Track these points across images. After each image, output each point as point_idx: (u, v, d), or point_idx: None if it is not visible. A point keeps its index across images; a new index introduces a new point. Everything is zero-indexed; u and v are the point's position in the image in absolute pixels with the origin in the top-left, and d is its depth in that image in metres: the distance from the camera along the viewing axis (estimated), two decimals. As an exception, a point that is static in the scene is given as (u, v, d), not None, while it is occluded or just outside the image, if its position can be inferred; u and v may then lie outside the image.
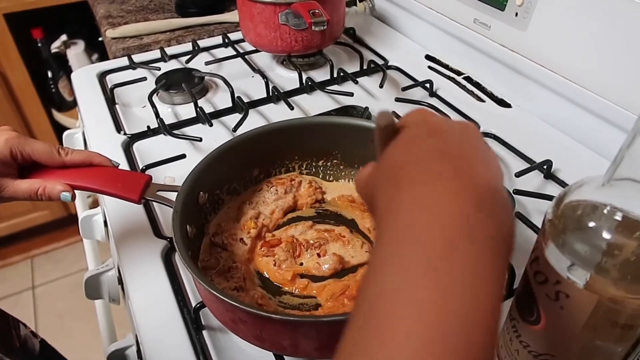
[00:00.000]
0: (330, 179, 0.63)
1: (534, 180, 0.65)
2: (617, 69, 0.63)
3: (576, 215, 0.32)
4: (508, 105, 0.80)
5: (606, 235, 0.30)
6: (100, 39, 1.13)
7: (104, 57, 1.62)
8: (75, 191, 0.49)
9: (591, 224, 0.31)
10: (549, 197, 0.60)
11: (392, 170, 0.28)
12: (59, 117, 1.71)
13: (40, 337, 0.54)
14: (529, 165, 0.65)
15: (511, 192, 0.60)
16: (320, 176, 0.63)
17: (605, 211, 0.31)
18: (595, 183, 0.32)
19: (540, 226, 0.55)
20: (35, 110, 1.62)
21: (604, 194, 0.31)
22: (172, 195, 0.49)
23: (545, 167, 0.65)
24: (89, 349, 1.54)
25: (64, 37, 1.65)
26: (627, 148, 0.29)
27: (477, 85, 0.85)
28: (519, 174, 0.63)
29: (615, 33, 0.62)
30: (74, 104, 1.42)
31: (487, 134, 0.73)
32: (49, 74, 1.66)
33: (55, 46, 1.65)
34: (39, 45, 1.60)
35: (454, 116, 0.75)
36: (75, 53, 1.63)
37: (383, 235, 0.24)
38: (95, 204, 0.78)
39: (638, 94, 0.61)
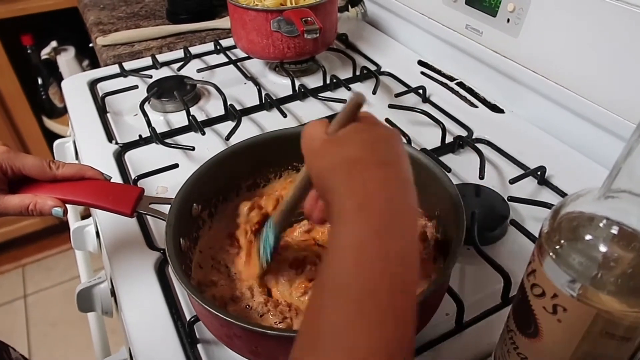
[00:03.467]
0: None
1: (528, 187, 0.65)
2: (609, 75, 0.63)
3: (572, 227, 0.32)
4: (501, 111, 0.80)
5: (602, 248, 0.30)
6: (90, 44, 1.13)
7: (94, 63, 1.61)
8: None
9: (587, 237, 0.31)
10: (543, 204, 0.60)
11: (344, 169, 0.34)
12: (50, 124, 1.69)
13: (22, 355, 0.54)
14: (522, 172, 0.65)
15: (505, 199, 0.60)
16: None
17: (601, 224, 0.31)
18: (591, 195, 0.32)
19: (534, 232, 0.56)
20: (25, 117, 1.60)
21: (601, 207, 0.31)
22: (165, 208, 0.49)
23: (539, 173, 0.65)
24: (83, 356, 1.53)
25: (54, 44, 1.63)
26: (623, 161, 0.29)
27: (470, 90, 0.85)
28: (513, 181, 0.63)
29: (607, 39, 0.62)
30: (64, 110, 1.40)
31: (480, 140, 0.73)
32: (39, 81, 1.65)
33: (45, 52, 1.63)
34: (29, 51, 1.59)
35: (448, 122, 0.75)
36: (66, 59, 1.62)
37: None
38: (87, 213, 0.78)
39: (629, 100, 0.62)
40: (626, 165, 0.29)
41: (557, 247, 0.32)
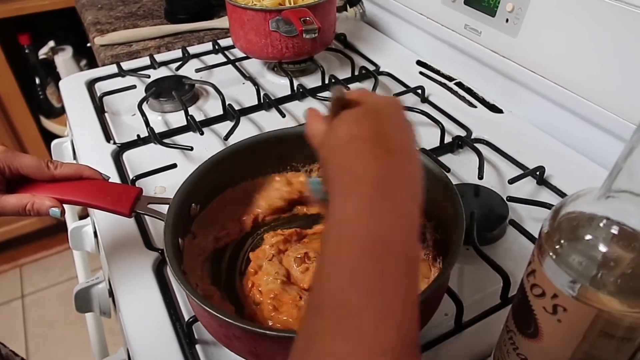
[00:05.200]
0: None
1: (527, 187, 0.65)
2: (608, 75, 0.63)
3: (572, 228, 0.32)
4: (500, 111, 0.80)
5: (602, 248, 0.30)
6: (88, 44, 1.12)
7: (92, 62, 1.61)
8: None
9: (588, 237, 0.31)
10: (542, 204, 0.60)
11: (340, 145, 0.35)
12: (47, 124, 1.69)
13: (20, 356, 0.54)
14: (522, 172, 0.65)
15: (505, 199, 0.60)
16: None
17: (601, 224, 0.30)
18: (592, 195, 0.32)
19: (533, 232, 0.56)
20: (22, 117, 1.60)
21: (601, 207, 0.31)
22: (163, 208, 0.49)
23: (538, 173, 0.65)
24: (81, 358, 1.52)
25: (51, 43, 1.63)
26: (623, 161, 0.29)
27: (469, 90, 0.85)
28: (512, 181, 0.63)
29: (606, 39, 0.62)
30: (62, 110, 1.40)
31: (479, 140, 0.73)
32: (37, 81, 1.64)
33: (42, 52, 1.63)
34: (26, 51, 1.58)
35: (447, 122, 0.75)
36: (64, 59, 1.61)
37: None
38: (84, 213, 0.77)
39: (628, 100, 0.62)
40: (627, 166, 0.29)
41: (557, 247, 0.32)
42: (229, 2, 0.83)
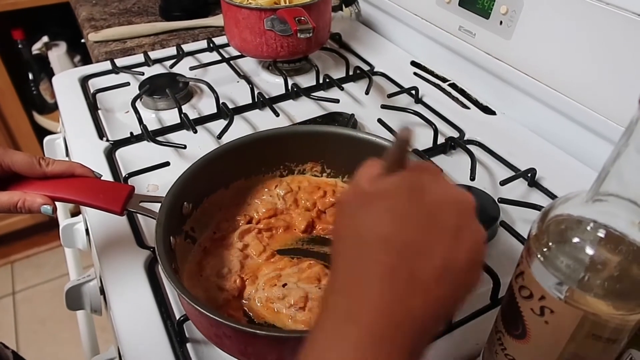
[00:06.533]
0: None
1: (518, 188, 0.65)
2: (600, 79, 0.64)
3: (560, 230, 0.32)
4: (493, 113, 0.81)
5: (589, 251, 0.30)
6: (82, 40, 1.12)
7: (86, 58, 1.60)
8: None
9: (575, 240, 0.31)
10: (533, 206, 0.60)
11: (354, 246, 0.29)
12: (40, 119, 1.68)
13: (11, 349, 0.54)
14: (513, 174, 0.66)
15: (496, 200, 0.61)
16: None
17: (588, 227, 0.31)
18: (580, 198, 0.32)
19: (524, 234, 0.57)
20: (15, 112, 1.59)
21: (589, 210, 0.31)
22: (155, 206, 0.49)
23: (529, 175, 0.65)
24: (72, 355, 1.52)
25: (45, 39, 1.62)
26: (611, 164, 0.29)
27: (462, 92, 0.85)
28: (503, 182, 0.64)
29: (598, 43, 0.63)
30: (55, 106, 1.40)
31: (471, 141, 0.74)
32: (30, 76, 1.63)
33: (36, 47, 1.62)
34: (20, 46, 1.58)
35: (440, 123, 0.75)
36: (57, 55, 1.61)
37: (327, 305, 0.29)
38: (76, 211, 0.77)
39: (619, 103, 0.62)
40: (614, 169, 0.29)
41: (545, 249, 0.32)
42: (224, 0, 0.83)
